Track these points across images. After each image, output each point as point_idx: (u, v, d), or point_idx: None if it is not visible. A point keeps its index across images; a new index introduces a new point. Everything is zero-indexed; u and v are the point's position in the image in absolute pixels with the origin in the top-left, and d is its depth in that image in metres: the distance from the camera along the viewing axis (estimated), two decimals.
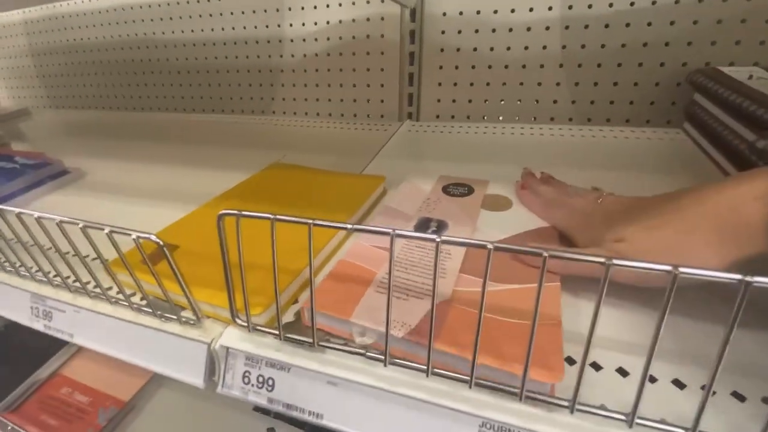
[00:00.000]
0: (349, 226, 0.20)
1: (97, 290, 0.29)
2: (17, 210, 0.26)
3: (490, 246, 0.17)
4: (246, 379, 0.25)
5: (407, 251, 0.29)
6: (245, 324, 0.25)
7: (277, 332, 0.24)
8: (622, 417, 0.18)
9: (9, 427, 0.49)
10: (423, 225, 0.34)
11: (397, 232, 0.19)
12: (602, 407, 0.19)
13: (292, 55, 0.74)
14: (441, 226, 0.33)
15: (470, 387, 0.20)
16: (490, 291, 0.25)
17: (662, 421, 0.18)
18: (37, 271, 0.32)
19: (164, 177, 0.52)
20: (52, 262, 0.30)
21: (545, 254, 0.16)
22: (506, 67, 0.60)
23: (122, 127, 0.82)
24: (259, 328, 0.24)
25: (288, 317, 0.26)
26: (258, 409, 0.49)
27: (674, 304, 0.15)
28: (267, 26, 0.74)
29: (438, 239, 0.18)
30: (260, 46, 0.76)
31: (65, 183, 0.52)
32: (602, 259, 0.16)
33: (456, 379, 0.20)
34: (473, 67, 0.62)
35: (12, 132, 0.83)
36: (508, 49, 0.60)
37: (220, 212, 0.22)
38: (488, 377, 0.20)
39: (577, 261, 0.16)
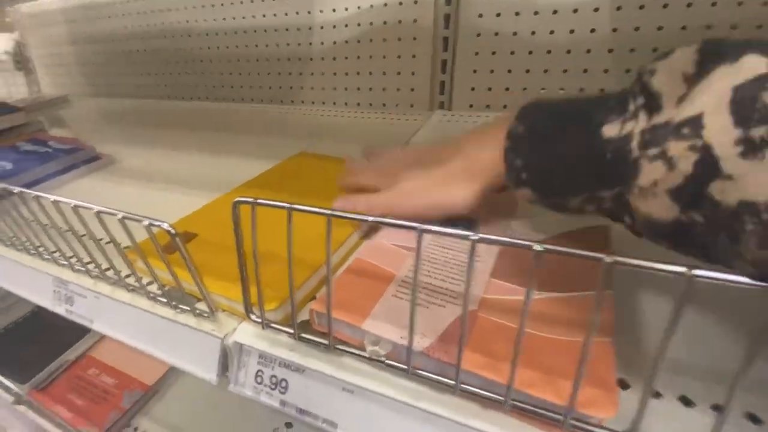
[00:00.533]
0: (370, 218, 0.18)
1: (116, 277, 0.29)
2: (34, 193, 0.26)
3: (537, 247, 0.14)
4: (258, 379, 0.24)
5: (429, 251, 0.26)
6: (259, 320, 0.23)
7: (291, 331, 0.22)
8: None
9: (41, 409, 0.51)
10: (449, 221, 0.31)
11: (425, 227, 0.16)
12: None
13: (322, 43, 0.72)
14: (471, 224, 0.30)
15: (505, 410, 0.17)
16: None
17: None
18: (59, 255, 0.32)
19: (192, 165, 0.52)
20: (71, 246, 0.30)
21: (608, 259, 0.13)
22: (549, 52, 0.56)
23: (155, 115, 0.83)
24: (273, 325, 0.23)
25: (304, 315, 0.24)
26: None
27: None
28: (297, 13, 0.72)
29: (474, 237, 0.15)
30: (290, 33, 0.75)
31: (96, 168, 0.52)
32: (682, 269, 0.13)
33: (489, 398, 0.18)
34: (512, 53, 0.58)
35: (50, 119, 0.86)
36: (552, 33, 0.55)
37: (235, 200, 0.20)
38: (526, 400, 0.17)
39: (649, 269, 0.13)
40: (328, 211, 0.18)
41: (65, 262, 0.32)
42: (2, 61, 1.22)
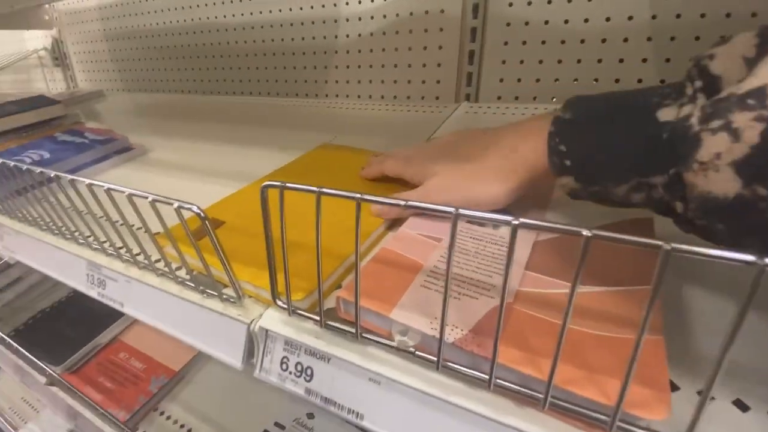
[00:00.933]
0: (402, 203, 0.17)
1: (146, 262, 0.29)
2: (69, 177, 0.26)
3: (586, 233, 0.13)
4: (284, 366, 0.23)
5: (460, 241, 0.26)
6: (286, 306, 0.23)
7: (318, 318, 0.21)
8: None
9: (73, 391, 0.52)
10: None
11: (461, 211, 0.15)
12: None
13: (347, 36, 0.72)
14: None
15: (543, 408, 0.16)
16: (564, 293, 0.21)
17: None
18: (93, 240, 0.33)
19: (220, 156, 0.53)
20: (104, 231, 0.31)
21: (666, 246, 0.12)
22: (582, 41, 0.54)
23: (185, 109, 0.85)
24: (299, 312, 0.22)
25: (330, 303, 0.24)
26: None
27: None
28: (323, 6, 0.72)
29: (515, 222, 0.14)
30: (316, 26, 0.75)
31: (129, 158, 0.54)
32: (752, 258, 0.11)
33: (526, 395, 0.17)
34: (543, 42, 0.56)
35: (86, 112, 0.89)
36: (586, 21, 0.53)
37: (264, 184, 0.20)
38: (567, 399, 0.16)
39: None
40: (358, 195, 0.18)
41: (98, 247, 0.33)
42: (41, 57, 1.28)
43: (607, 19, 0.52)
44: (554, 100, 0.58)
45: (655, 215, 0.20)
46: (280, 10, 0.78)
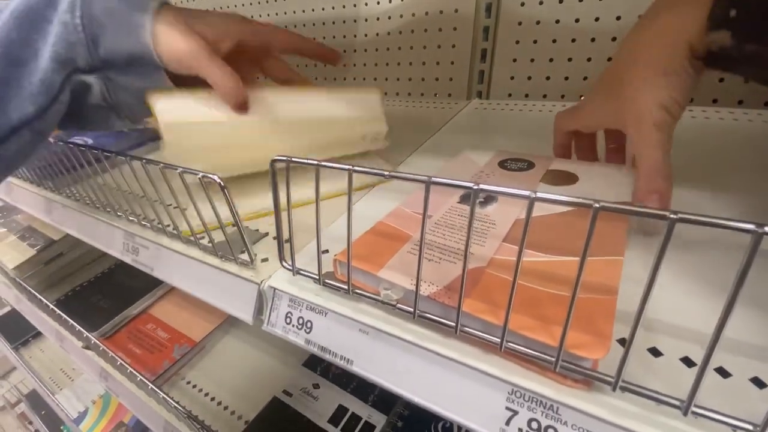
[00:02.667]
0: (386, 173, 0.20)
1: (174, 231, 0.33)
2: (107, 152, 0.30)
3: (597, 205, 0.15)
4: (288, 319, 0.27)
5: (449, 217, 0.28)
6: (290, 268, 0.26)
7: (317, 277, 0.25)
8: (676, 403, 0.16)
9: (106, 353, 0.58)
10: (468, 196, 0.32)
11: (482, 186, 0.18)
12: (652, 390, 0.16)
13: (366, 35, 0.75)
14: (490, 198, 0.32)
15: (501, 350, 0.19)
16: (537, 261, 0.23)
17: (724, 414, 0.15)
18: (129, 213, 0.37)
19: None
20: (140, 204, 0.35)
21: (672, 216, 0.14)
22: (593, 40, 0.55)
23: None
24: (302, 272, 0.26)
25: (329, 268, 0.27)
26: (306, 364, 0.52)
27: None
28: (344, 6, 0.76)
29: (533, 195, 0.17)
30: (336, 26, 0.78)
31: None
32: (751, 226, 0.13)
33: (487, 341, 0.19)
34: (554, 41, 0.57)
35: None
36: (597, 20, 0.54)
37: (272, 158, 0.23)
38: (524, 344, 0.19)
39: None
40: (348, 167, 0.21)
41: (133, 219, 0.37)
42: None
43: (618, 18, 0.53)
44: (564, 97, 0.60)
45: None
46: (303, 11, 0.82)
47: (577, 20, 0.55)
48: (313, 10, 0.80)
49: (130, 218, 0.38)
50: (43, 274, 0.76)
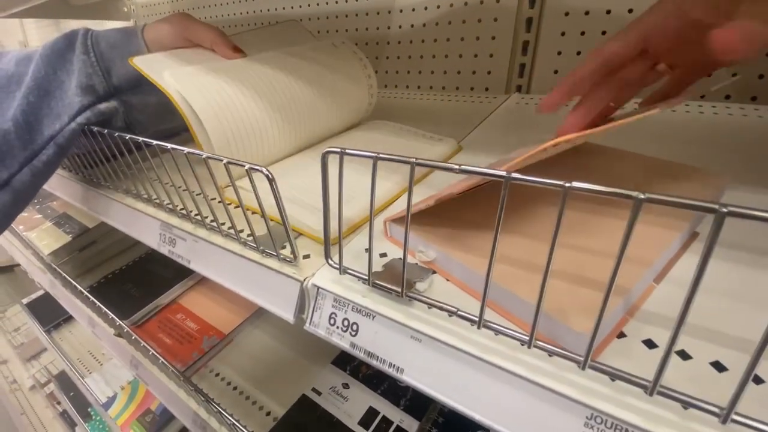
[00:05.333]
0: (456, 167, 0.18)
1: (214, 224, 0.32)
2: (148, 142, 0.30)
3: (641, 196, 0.14)
4: (332, 321, 0.25)
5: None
6: (337, 266, 0.25)
7: (366, 277, 0.23)
8: (644, 382, 0.15)
9: (138, 342, 0.58)
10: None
11: (514, 175, 0.16)
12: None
13: (400, 26, 0.73)
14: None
15: (529, 348, 0.17)
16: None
17: (688, 396, 0.15)
18: (168, 203, 0.37)
19: None
20: (179, 195, 0.34)
21: (722, 210, 0.12)
22: None
23: None
24: (349, 271, 0.24)
25: (377, 267, 0.26)
26: (335, 362, 0.51)
27: None
28: None
29: (567, 185, 0.15)
30: (370, 17, 0.77)
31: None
32: None
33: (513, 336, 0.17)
34: (604, 32, 0.54)
35: None
36: None
37: (325, 150, 0.22)
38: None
39: None
40: (412, 159, 0.19)
41: (171, 208, 0.36)
42: None
43: None
44: None
45: None
46: (336, 2, 0.80)
47: (630, 11, 0.52)
48: (346, 0, 0.79)
49: (168, 208, 0.37)
50: (77, 260, 0.77)
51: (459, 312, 0.20)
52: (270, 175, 0.24)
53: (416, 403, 0.43)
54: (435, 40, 0.69)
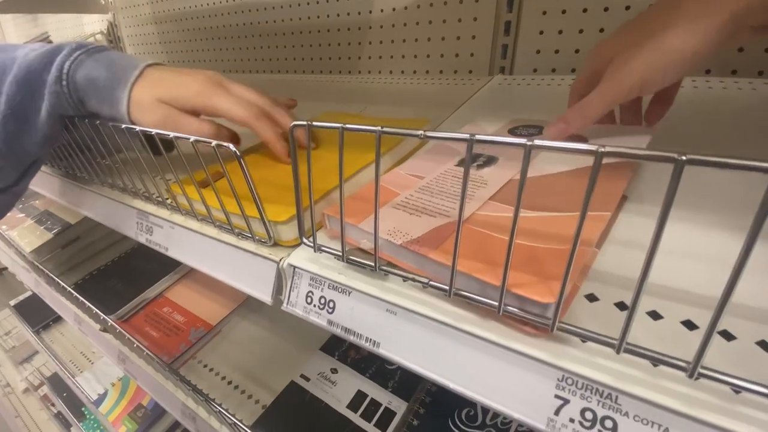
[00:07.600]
0: (421, 133, 0.18)
1: (188, 208, 0.32)
2: (117, 126, 0.29)
3: (601, 149, 0.13)
4: (309, 299, 0.25)
5: (441, 180, 0.28)
6: (312, 245, 0.24)
7: (340, 253, 0.23)
8: (612, 341, 0.16)
9: (123, 336, 0.58)
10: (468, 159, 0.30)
11: (478, 137, 0.16)
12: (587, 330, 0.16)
13: (381, 10, 0.72)
14: (489, 160, 0.29)
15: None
16: (524, 217, 0.22)
17: (655, 352, 0.15)
18: (143, 191, 0.36)
19: None
20: (154, 183, 0.34)
21: (680, 157, 0.12)
22: (627, 8, 0.51)
23: None
24: (323, 248, 0.24)
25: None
26: (324, 349, 0.51)
27: None
28: None
29: (528, 143, 0.15)
30: (350, 2, 0.75)
31: None
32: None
33: (481, 304, 0.17)
34: (585, 10, 0.54)
35: None
36: None
37: (292, 123, 0.22)
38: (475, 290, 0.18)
39: None
40: (378, 128, 0.19)
41: (147, 196, 0.36)
42: (98, 41, 1.36)
43: None
44: None
45: None
46: None
47: None
48: None
49: (144, 195, 0.36)
50: (61, 257, 0.76)
51: (431, 283, 0.20)
52: (237, 152, 0.23)
53: (404, 384, 0.43)
54: (417, 23, 0.68)
